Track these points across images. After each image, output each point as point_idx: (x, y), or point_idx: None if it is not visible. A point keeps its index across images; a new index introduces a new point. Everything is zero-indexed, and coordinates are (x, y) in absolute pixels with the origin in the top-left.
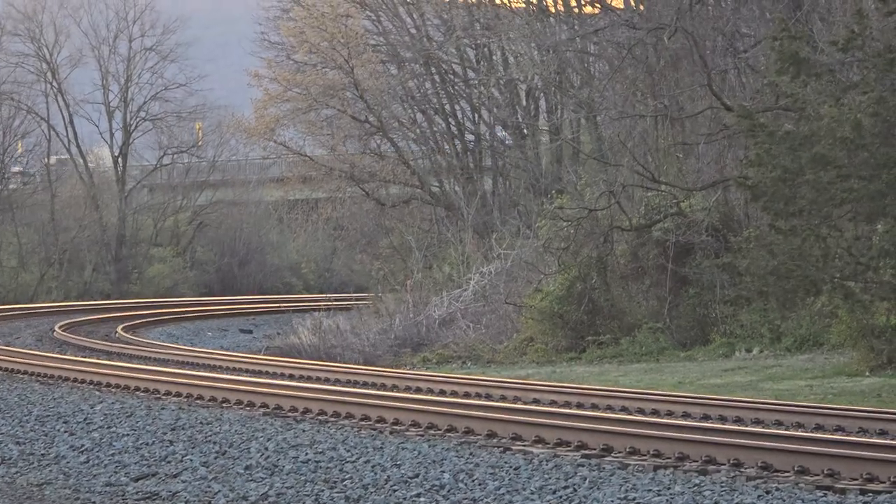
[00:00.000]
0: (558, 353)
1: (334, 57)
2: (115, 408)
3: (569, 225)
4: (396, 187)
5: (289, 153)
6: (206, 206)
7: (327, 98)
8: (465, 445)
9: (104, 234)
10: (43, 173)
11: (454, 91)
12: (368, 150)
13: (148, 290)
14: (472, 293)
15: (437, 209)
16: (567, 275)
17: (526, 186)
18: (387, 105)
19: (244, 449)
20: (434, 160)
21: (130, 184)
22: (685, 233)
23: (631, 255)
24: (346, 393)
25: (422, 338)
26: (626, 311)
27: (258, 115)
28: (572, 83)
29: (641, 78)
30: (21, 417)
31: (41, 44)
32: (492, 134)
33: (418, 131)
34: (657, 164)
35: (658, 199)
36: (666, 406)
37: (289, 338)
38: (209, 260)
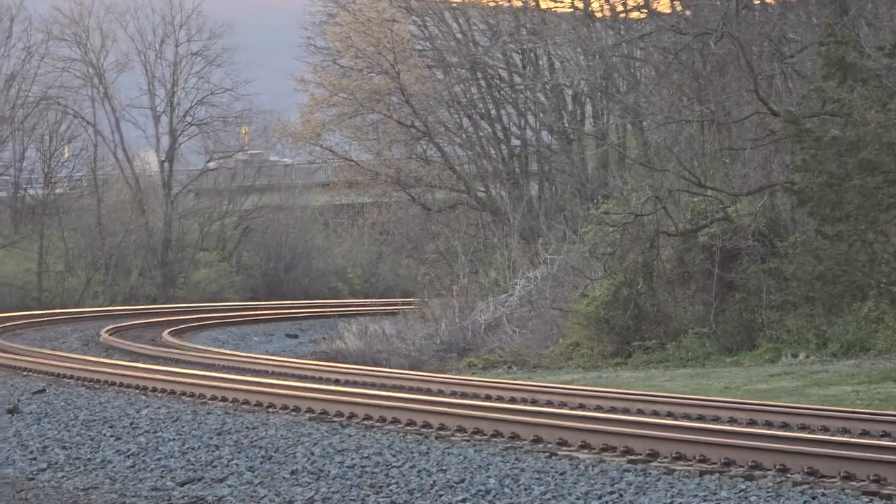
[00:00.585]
0: (604, 358)
1: (380, 62)
2: (161, 412)
3: (615, 230)
4: (442, 192)
5: (335, 158)
6: (252, 210)
7: (373, 103)
8: (511, 450)
9: (150, 238)
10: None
11: (500, 96)
12: (414, 155)
13: (194, 295)
14: (517, 298)
15: (483, 214)
16: (613, 280)
17: (572, 191)
18: (433, 110)
19: (290, 454)
20: (480, 165)
21: (176, 188)
22: (731, 238)
23: (677, 261)
24: (391, 398)
25: (468, 343)
26: (671, 316)
27: (304, 120)
28: (618, 88)
29: (688, 83)
30: (67, 422)
31: (87, 48)
32: (538, 139)
33: (464, 136)
34: (703, 169)
35: (704, 204)
36: (712, 411)
37: (334, 342)
38: (255, 264)
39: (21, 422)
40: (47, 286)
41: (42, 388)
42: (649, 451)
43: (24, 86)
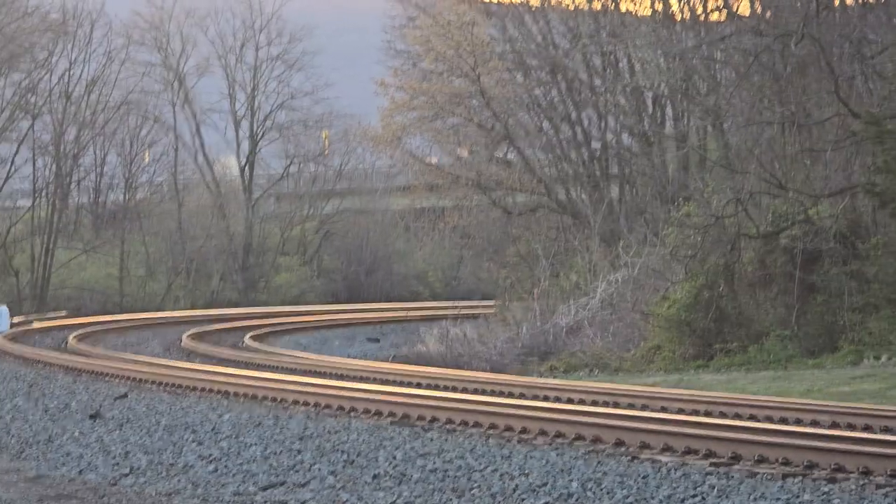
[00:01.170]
0: (686, 360)
1: (460, 65)
2: (243, 417)
3: (696, 232)
4: (523, 195)
5: (415, 161)
6: (333, 214)
7: (453, 106)
8: (593, 454)
9: (231, 242)
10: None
11: (580, 99)
12: (495, 158)
13: (275, 299)
14: (599, 301)
15: (564, 217)
16: (694, 282)
17: (653, 194)
18: (513, 113)
19: (372, 458)
20: (561, 168)
21: (257, 192)
22: (813, 240)
23: (758, 263)
24: (473, 401)
25: (549, 346)
26: (753, 318)
27: (384, 124)
28: (699, 90)
29: (768, 85)
30: (149, 427)
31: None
32: (618, 141)
33: (545, 139)
34: (784, 171)
35: (785, 206)
36: (794, 414)
37: (416, 346)
38: (336, 268)
39: (103, 427)
40: (128, 291)
41: (124, 393)
42: (732, 453)
43: (104, 91)
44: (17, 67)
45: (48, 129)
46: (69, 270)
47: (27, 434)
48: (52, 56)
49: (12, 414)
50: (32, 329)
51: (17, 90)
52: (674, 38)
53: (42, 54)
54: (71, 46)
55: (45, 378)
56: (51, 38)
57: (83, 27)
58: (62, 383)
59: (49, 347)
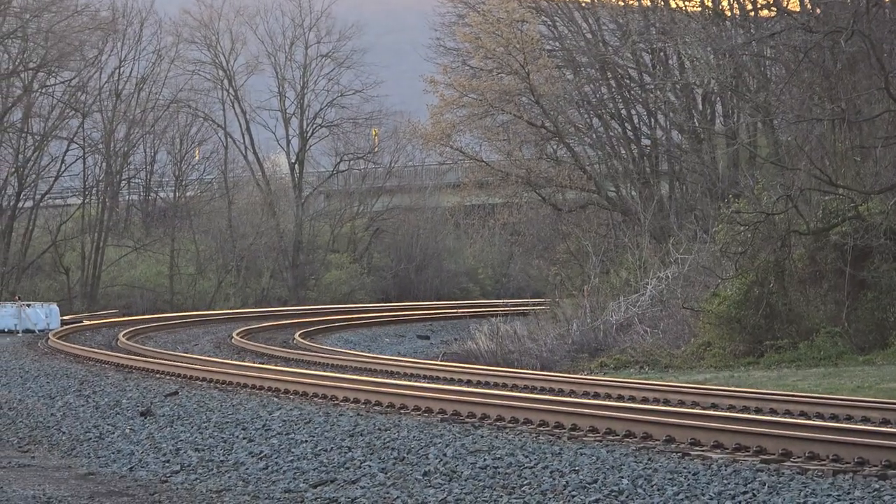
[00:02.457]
0: (736, 357)
1: (510, 62)
2: (294, 414)
3: (746, 229)
4: (573, 192)
5: (465, 159)
6: (383, 212)
7: (503, 103)
8: (644, 451)
9: (281, 240)
10: (220, 180)
11: (630, 95)
12: (545, 156)
13: (325, 297)
14: (649, 298)
15: (614, 214)
16: (744, 279)
17: (703, 191)
18: (563, 110)
19: (422, 455)
20: (610, 165)
21: (307, 190)
22: (863, 236)
23: (808, 259)
24: (523, 398)
25: (599, 343)
26: (803, 315)
27: (434, 121)
28: (749, 87)
29: (818, 81)
30: (200, 424)
31: (217, 51)
32: (668, 138)
33: (594, 136)
34: (834, 168)
35: (836, 202)
36: (845, 410)
37: (466, 343)
38: (386, 266)
39: (154, 424)
40: (179, 289)
41: (175, 390)
42: (782, 450)
43: (154, 89)
44: (67, 66)
45: (98, 127)
46: (119, 268)
47: (78, 431)
48: (102, 54)
49: (63, 411)
50: (83, 326)
51: (67, 88)
52: (723, 35)
53: (92, 53)
54: (121, 45)
55: (96, 375)
56: (100, 37)
57: (133, 25)
58: (113, 381)
59: (100, 345)
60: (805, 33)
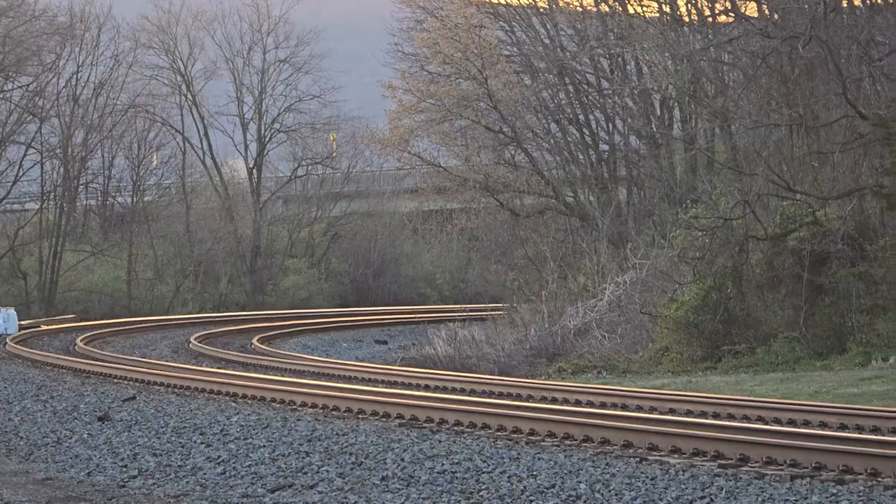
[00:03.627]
0: (693, 362)
1: (468, 68)
2: (252, 419)
3: (704, 234)
4: (531, 198)
5: (423, 164)
6: (341, 217)
7: (461, 108)
8: (602, 456)
9: (239, 245)
10: (178, 185)
11: (588, 101)
12: (503, 161)
13: (283, 302)
14: (607, 303)
15: (572, 219)
16: (702, 284)
17: (660, 196)
18: (521, 115)
19: (380, 460)
20: (568, 170)
21: (265, 195)
22: (821, 242)
23: (766, 265)
24: (481, 403)
25: (557, 348)
26: (761, 320)
27: (392, 126)
28: (706, 92)
29: (776, 87)
30: (158, 429)
31: (175, 56)
32: (626, 143)
33: (552, 141)
34: (792, 174)
35: (793, 208)
36: (802, 416)
37: (424, 348)
38: (344, 271)
39: (112, 429)
40: (136, 294)
41: (132, 395)
42: (740, 455)
43: (112, 94)
44: (25, 71)
45: (56, 132)
46: (77, 273)
47: (36, 436)
48: (60, 59)
49: (21, 416)
50: (41, 331)
51: (24, 93)
52: (681, 41)
53: (50, 57)
54: (78, 50)
55: (54, 380)
56: (58, 42)
57: (91, 30)
58: (71, 385)
59: (57, 350)
60: (763, 39)
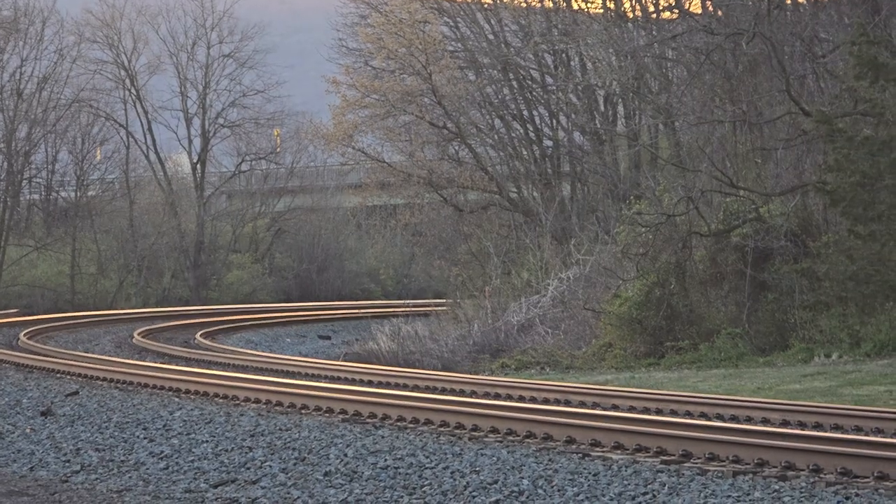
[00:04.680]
0: (637, 358)
1: (412, 63)
2: (195, 414)
3: (647, 230)
4: (475, 193)
5: (367, 159)
6: (285, 212)
7: (405, 104)
8: (545, 451)
9: (183, 240)
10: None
11: (532, 97)
12: (446, 157)
13: (226, 297)
14: (550, 299)
15: (516, 215)
16: (646, 280)
17: (604, 192)
18: (465, 111)
19: (323, 455)
20: (512, 166)
21: (209, 190)
22: (764, 238)
23: (709, 261)
24: (424, 399)
25: (500, 344)
26: (704, 316)
27: (336, 122)
28: (650, 88)
29: (720, 83)
30: (101, 424)
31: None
32: (570, 139)
33: (496, 137)
34: (736, 170)
35: (737, 204)
36: (745, 412)
37: (367, 344)
38: (287, 266)
39: (55, 424)
40: (80, 289)
41: (75, 390)
42: (682, 451)
43: (56, 88)
44: None
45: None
46: (20, 268)
47: None
48: (4, 53)
49: None
50: None
51: None
52: (625, 37)
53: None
54: (22, 44)
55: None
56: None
57: (35, 25)
58: (13, 380)
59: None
60: (707, 35)
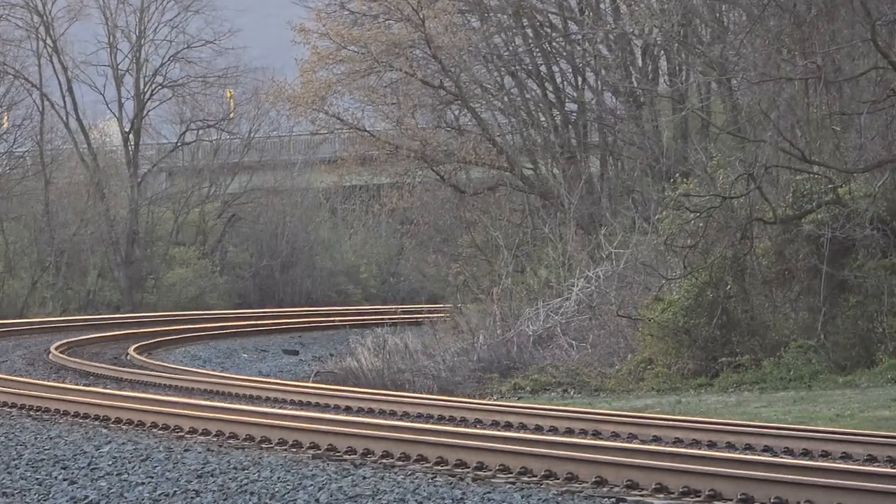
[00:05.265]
0: (684, 378)
1: (400, 6)
2: (127, 449)
3: (697, 217)
4: (479, 170)
5: (343, 128)
6: (240, 194)
7: (392, 58)
8: (568, 495)
9: (112, 230)
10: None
11: (552, 49)
12: (444, 124)
13: (167, 301)
14: (575, 303)
15: (531, 197)
16: (695, 280)
17: (643, 168)
18: (467, 67)
19: (289, 500)
20: (526, 135)
21: (144, 167)
22: (844, 226)
23: (775, 255)
24: (417, 430)
25: (512, 360)
26: (769, 325)
27: (305, 80)
28: (701, 38)
29: (788, 31)
30: (9, 462)
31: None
32: (599, 102)
33: (506, 99)
34: (808, 140)
35: (809, 183)
36: (820, 445)
37: (345, 360)
38: (244, 262)
39: None
40: None
41: None
42: (742, 495)
43: None
44: None
45: None
46: None
47: None
48: None
49: None
50: None
51: None
52: None
53: None
54: None
55: None
56: None
57: None
58: None
59: None
60: None
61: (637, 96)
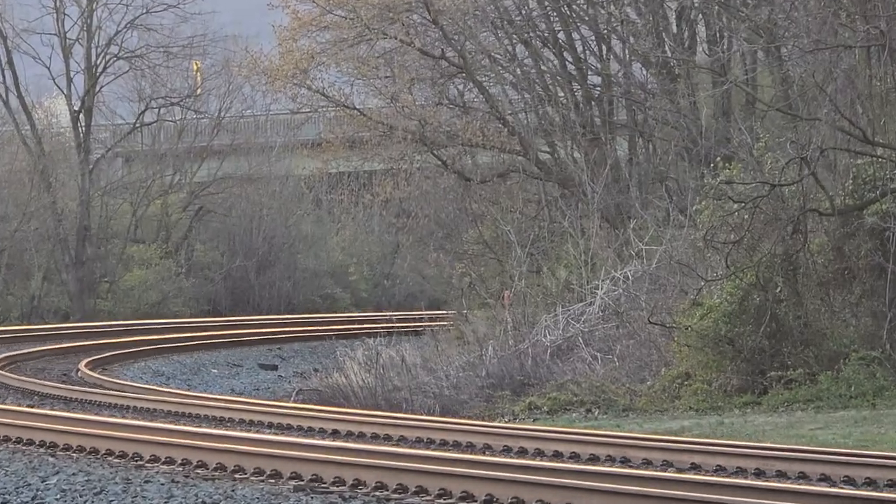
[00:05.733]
0: (727, 395)
1: None
2: (78, 481)
3: (742, 208)
4: (488, 154)
5: (329, 105)
6: (209, 183)
7: (385, 24)
8: None
9: (60, 225)
10: None
11: (571, 13)
12: (446, 101)
13: (124, 308)
14: (599, 309)
15: (548, 186)
16: (739, 281)
17: (678, 152)
18: (472, 33)
19: None
20: (543, 114)
21: (97, 152)
22: None
23: (833, 252)
24: (415, 457)
25: (526, 375)
26: (826, 333)
27: (283, 51)
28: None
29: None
30: None
31: None
32: (627, 75)
33: (519, 72)
34: (870, 118)
35: (872, 168)
36: (887, 473)
37: (331, 376)
38: (214, 263)
39: None
40: None
41: None
42: None
43: None
44: None
45: None
46: None
47: None
48: None
49: None
50: None
51: None
52: None
53: None
54: None
55: None
56: None
57: None
58: None
59: None
60: None
61: (671, 68)
